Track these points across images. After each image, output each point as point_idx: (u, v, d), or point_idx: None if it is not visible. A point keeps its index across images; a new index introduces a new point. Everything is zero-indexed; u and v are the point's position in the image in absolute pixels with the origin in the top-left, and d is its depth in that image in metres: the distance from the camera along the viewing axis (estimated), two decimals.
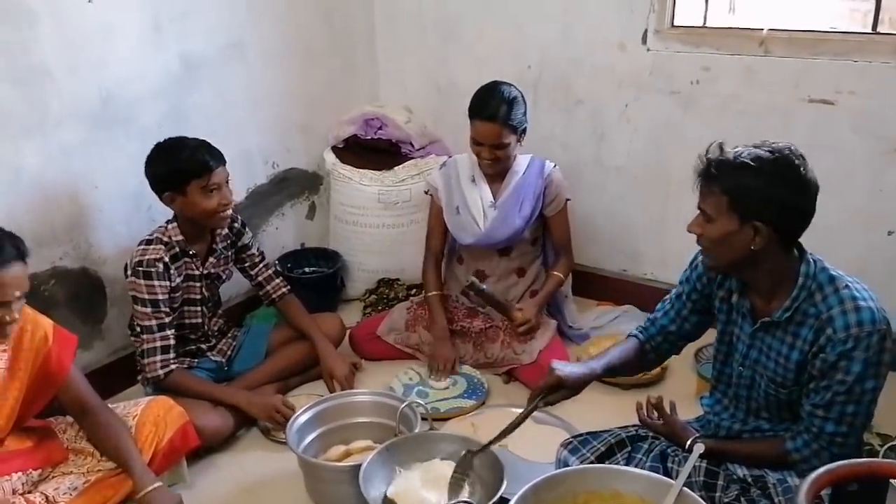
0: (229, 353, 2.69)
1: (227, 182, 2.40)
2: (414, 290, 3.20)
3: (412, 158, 3.31)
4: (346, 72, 3.44)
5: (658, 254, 3.15)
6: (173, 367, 2.38)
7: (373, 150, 3.32)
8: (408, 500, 1.90)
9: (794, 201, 1.58)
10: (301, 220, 3.43)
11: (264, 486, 2.26)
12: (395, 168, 3.25)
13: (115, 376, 2.61)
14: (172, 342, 2.40)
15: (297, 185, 3.36)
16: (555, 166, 2.75)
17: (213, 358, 2.62)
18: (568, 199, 2.79)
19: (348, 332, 2.90)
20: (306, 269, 3.32)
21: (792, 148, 1.59)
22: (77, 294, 2.57)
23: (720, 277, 1.82)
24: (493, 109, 2.53)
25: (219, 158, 2.37)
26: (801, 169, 1.57)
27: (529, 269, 2.84)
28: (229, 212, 2.44)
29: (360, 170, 3.26)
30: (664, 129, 2.97)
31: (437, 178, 2.84)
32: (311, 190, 3.44)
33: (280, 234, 3.32)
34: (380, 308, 3.17)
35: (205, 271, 2.51)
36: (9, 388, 1.84)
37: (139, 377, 2.53)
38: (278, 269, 3.14)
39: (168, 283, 2.38)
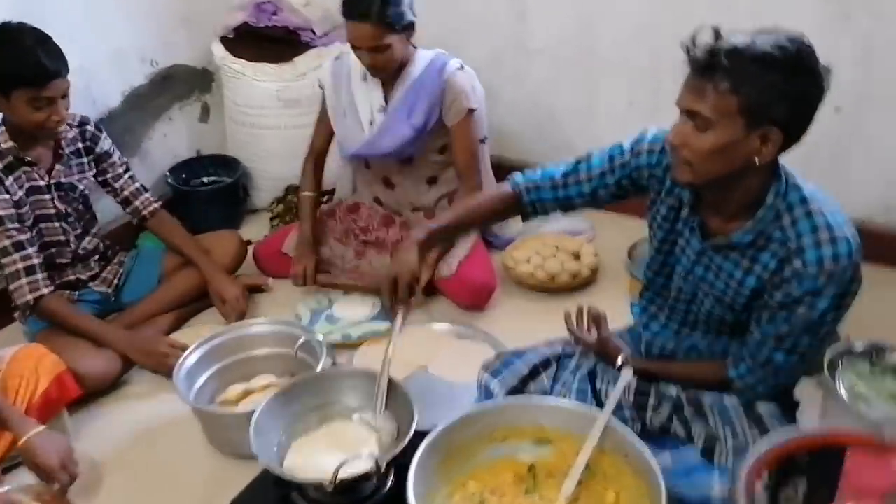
0: (116, 281, 2.45)
1: (65, 96, 2.05)
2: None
3: (314, 47, 2.93)
4: None
5: (586, 144, 2.85)
6: (45, 290, 2.15)
7: (268, 40, 2.94)
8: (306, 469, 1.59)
9: (813, 100, 1.33)
10: (193, 123, 3.10)
11: (160, 432, 2.07)
12: (295, 59, 2.89)
13: None
14: (37, 262, 2.15)
15: (183, 84, 3.01)
16: (460, 67, 2.38)
17: (96, 289, 2.39)
18: (472, 109, 2.37)
19: (251, 249, 2.66)
20: (204, 180, 3.03)
21: (805, 38, 1.33)
22: None
23: (669, 184, 1.57)
24: (366, 5, 2.16)
25: (57, 68, 2.01)
26: (818, 62, 1.32)
27: (442, 175, 2.55)
28: (62, 126, 2.13)
29: (255, 63, 2.88)
30: (592, 2, 2.67)
31: (327, 73, 2.51)
32: (201, 89, 3.09)
33: (170, 141, 3.00)
34: (288, 219, 2.91)
35: (52, 181, 2.21)
36: None
37: (15, 314, 2.29)
38: (170, 181, 2.88)
39: (7, 195, 2.09)
